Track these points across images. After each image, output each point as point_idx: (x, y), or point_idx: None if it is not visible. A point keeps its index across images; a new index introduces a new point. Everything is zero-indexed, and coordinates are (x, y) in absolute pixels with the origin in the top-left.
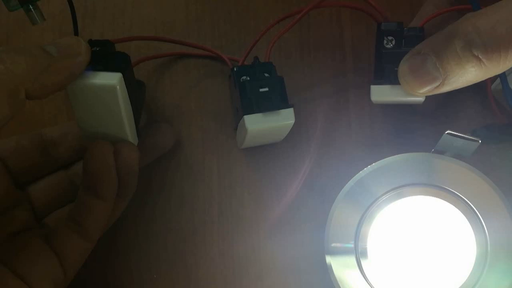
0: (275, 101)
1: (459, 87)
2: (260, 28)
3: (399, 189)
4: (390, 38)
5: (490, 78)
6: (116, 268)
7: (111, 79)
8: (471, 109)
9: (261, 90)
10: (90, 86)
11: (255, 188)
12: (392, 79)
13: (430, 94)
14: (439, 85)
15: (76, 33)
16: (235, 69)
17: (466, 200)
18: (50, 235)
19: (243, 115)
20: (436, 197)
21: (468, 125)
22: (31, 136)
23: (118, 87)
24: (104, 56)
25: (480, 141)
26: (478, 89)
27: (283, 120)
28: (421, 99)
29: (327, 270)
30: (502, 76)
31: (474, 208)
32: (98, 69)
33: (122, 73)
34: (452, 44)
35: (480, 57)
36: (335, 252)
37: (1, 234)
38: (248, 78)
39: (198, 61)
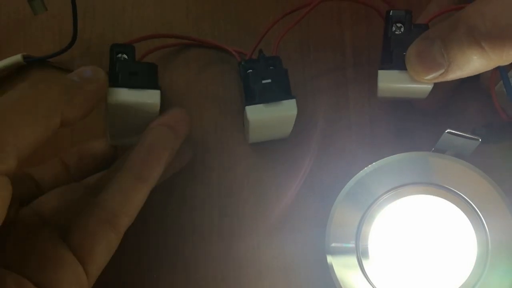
0: (277, 92)
1: (464, 76)
2: (260, 28)
3: (400, 188)
4: (399, 25)
5: (493, 80)
6: (116, 268)
7: (152, 98)
8: (472, 108)
9: (263, 81)
10: (132, 103)
11: (255, 188)
12: (400, 64)
13: (436, 81)
14: (444, 72)
15: (75, 32)
16: (242, 63)
17: (467, 199)
18: (74, 240)
19: (245, 106)
20: (437, 196)
21: (469, 124)
22: (55, 161)
23: (158, 105)
24: (137, 70)
25: (480, 140)
26: (479, 88)
27: (285, 111)
28: (429, 86)
29: (328, 270)
30: (502, 70)
31: (475, 207)
32: (137, 86)
33: (160, 89)
34: (457, 30)
35: (483, 44)
36: (336, 252)
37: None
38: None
39: (199, 58)
